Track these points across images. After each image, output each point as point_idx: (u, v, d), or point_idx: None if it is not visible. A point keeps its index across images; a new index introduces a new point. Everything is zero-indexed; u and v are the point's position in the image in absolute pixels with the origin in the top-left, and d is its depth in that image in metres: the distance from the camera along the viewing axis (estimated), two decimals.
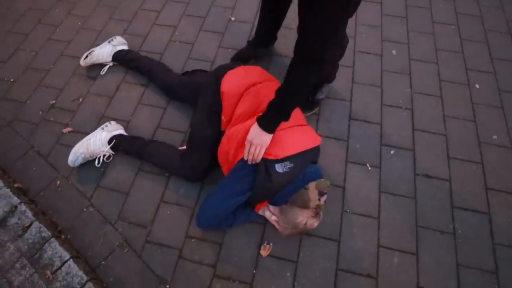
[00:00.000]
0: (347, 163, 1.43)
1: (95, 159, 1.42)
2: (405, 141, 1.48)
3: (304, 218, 1.09)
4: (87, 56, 1.67)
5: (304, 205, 1.08)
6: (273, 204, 1.19)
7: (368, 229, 1.28)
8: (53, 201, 1.35)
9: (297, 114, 1.20)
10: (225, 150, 1.19)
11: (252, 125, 1.07)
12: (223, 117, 1.24)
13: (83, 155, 1.37)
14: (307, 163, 1.14)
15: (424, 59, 1.73)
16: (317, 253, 1.24)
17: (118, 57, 1.69)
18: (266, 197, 1.15)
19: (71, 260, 1.18)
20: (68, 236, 1.29)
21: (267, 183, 1.06)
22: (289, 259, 1.22)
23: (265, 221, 1.29)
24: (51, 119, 1.58)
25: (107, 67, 1.71)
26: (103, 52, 1.68)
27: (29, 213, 1.27)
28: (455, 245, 1.25)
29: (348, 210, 1.32)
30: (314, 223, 1.11)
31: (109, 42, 1.72)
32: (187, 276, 1.19)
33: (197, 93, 1.35)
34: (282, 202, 1.15)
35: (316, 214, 1.10)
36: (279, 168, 1.05)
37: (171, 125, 1.54)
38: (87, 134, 1.51)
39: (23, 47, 1.85)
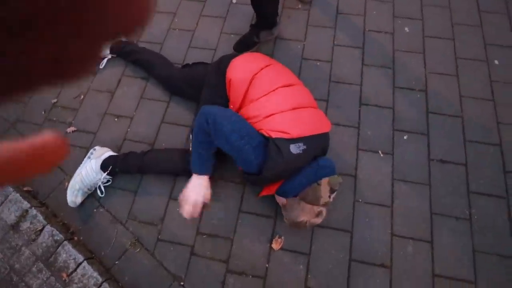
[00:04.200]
0: (359, 151, 1.39)
1: (95, 190, 1.35)
2: (418, 125, 1.42)
3: (306, 218, 1.06)
4: None
5: (314, 201, 1.05)
6: (282, 195, 1.15)
7: (381, 218, 1.26)
8: (63, 203, 1.35)
9: (309, 97, 1.17)
10: None
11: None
12: (231, 106, 1.20)
13: (81, 191, 1.29)
14: (319, 148, 1.10)
15: (439, 36, 1.62)
16: (330, 245, 1.22)
17: (116, 49, 1.62)
18: (275, 177, 1.06)
19: (85, 262, 1.20)
20: (81, 238, 1.30)
21: (278, 160, 0.99)
22: (302, 251, 1.22)
23: (276, 214, 1.27)
24: (54, 118, 1.56)
25: (105, 60, 1.66)
26: None
27: (40, 217, 1.28)
28: (471, 231, 1.22)
29: (360, 200, 1.29)
30: (316, 221, 1.09)
31: None
32: (200, 273, 1.20)
33: (198, 87, 1.30)
34: (292, 195, 1.10)
35: (319, 214, 1.07)
36: (293, 148, 1.00)
37: (175, 119, 1.51)
38: (92, 132, 1.49)
39: None
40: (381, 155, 1.37)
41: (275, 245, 1.22)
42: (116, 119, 1.53)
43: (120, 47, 1.61)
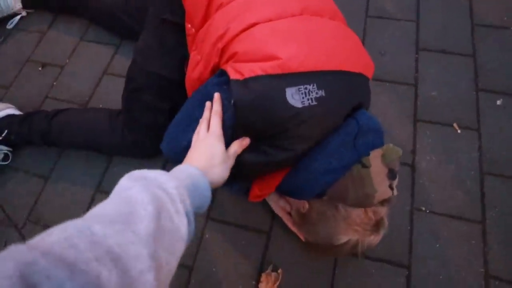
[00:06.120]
0: (417, 123, 0.78)
1: None
2: None
3: (355, 236, 0.47)
4: None
5: (363, 200, 0.45)
6: (293, 196, 0.55)
7: (465, 242, 0.65)
8: None
9: (330, 3, 0.56)
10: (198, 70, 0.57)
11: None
12: (188, 25, 0.62)
13: None
14: (351, 100, 0.48)
15: None
16: None
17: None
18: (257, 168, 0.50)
19: None
20: None
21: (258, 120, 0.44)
22: None
23: (270, 227, 0.69)
24: None
25: (17, 18, 1.06)
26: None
27: None
28: None
29: (423, 208, 0.69)
30: (374, 241, 0.48)
31: None
32: None
33: None
34: (312, 194, 0.49)
35: (379, 226, 0.47)
36: (292, 95, 0.42)
37: (124, 70, 0.93)
38: (3, 86, 0.96)
39: None
40: (458, 131, 0.76)
41: (266, 285, 0.64)
42: (40, 68, 0.97)
43: None
